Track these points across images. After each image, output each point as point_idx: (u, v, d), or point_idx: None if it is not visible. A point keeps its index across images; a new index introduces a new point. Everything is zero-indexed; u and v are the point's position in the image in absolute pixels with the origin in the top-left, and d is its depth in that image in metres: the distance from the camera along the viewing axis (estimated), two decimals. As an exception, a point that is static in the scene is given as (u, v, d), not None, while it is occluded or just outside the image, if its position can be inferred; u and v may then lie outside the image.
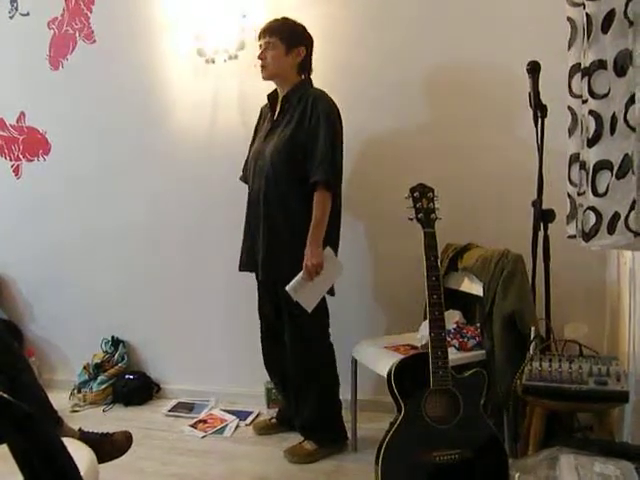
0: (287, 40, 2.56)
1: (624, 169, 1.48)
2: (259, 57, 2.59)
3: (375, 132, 2.95)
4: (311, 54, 2.65)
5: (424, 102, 2.88)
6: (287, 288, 2.47)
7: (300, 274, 2.46)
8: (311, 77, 2.66)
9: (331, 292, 2.63)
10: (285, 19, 2.60)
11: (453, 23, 2.78)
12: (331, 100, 2.56)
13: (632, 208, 1.47)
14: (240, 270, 2.73)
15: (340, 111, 2.57)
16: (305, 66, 2.63)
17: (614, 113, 1.50)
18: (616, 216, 1.52)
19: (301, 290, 2.47)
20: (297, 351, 2.62)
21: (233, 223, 2.84)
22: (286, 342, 2.64)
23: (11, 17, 3.53)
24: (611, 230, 1.54)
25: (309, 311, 2.50)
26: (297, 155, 2.50)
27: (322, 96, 2.55)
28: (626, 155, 1.48)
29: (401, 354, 2.37)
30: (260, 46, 2.59)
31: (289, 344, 2.63)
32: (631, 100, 1.46)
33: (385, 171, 2.94)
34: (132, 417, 3.20)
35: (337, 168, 2.51)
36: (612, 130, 1.51)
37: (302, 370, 2.64)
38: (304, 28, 2.62)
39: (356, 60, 2.94)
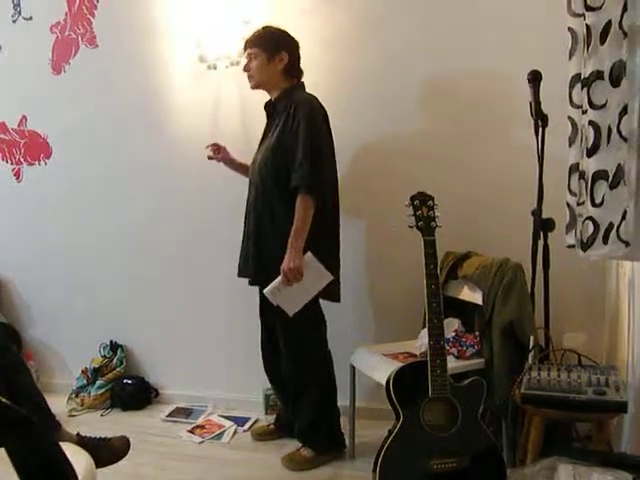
0: (267, 48, 2.57)
1: (617, 179, 1.49)
2: (244, 69, 2.64)
3: (375, 139, 2.96)
4: (297, 57, 2.64)
5: (425, 110, 2.88)
6: (265, 291, 2.47)
7: (279, 278, 2.45)
8: (302, 80, 2.66)
9: (336, 298, 2.62)
10: (265, 28, 2.62)
11: (454, 32, 2.78)
12: (316, 105, 2.53)
13: (623, 218, 1.48)
14: (238, 276, 2.74)
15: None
16: (292, 70, 2.62)
17: (609, 124, 1.51)
18: (610, 226, 1.52)
19: (280, 294, 2.46)
20: (293, 358, 2.62)
21: (233, 229, 2.84)
22: (282, 349, 2.64)
23: (14, 21, 3.54)
24: (605, 240, 1.55)
25: (290, 315, 2.48)
26: (281, 163, 2.50)
27: (305, 101, 2.53)
28: (619, 165, 1.49)
29: (400, 362, 2.37)
30: (245, 58, 2.63)
31: (285, 351, 2.63)
32: (624, 111, 1.46)
33: (386, 179, 2.94)
34: (130, 422, 3.19)
35: (318, 173, 2.45)
36: (608, 140, 1.52)
37: (299, 377, 2.64)
38: (285, 33, 2.62)
39: (356, 67, 2.95)
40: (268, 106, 2.69)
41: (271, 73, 2.59)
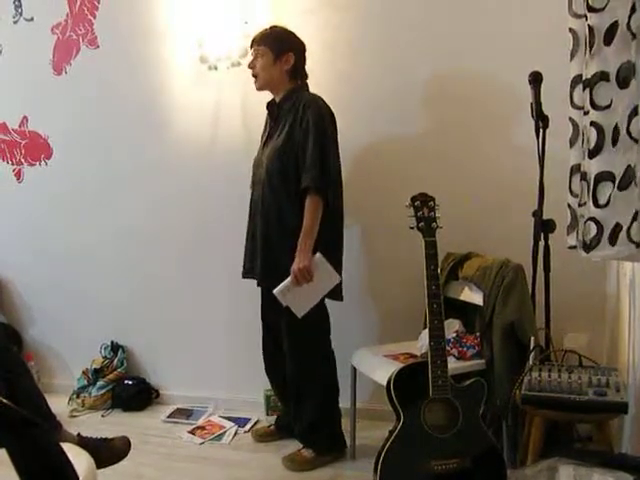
0: (274, 48, 2.57)
1: (627, 180, 1.49)
2: (249, 66, 2.64)
3: (376, 139, 2.96)
4: (303, 59, 2.65)
5: (426, 111, 2.88)
6: (275, 291, 2.47)
7: (288, 278, 2.45)
8: (306, 82, 2.66)
9: (338, 297, 2.62)
10: (273, 27, 2.63)
11: (455, 32, 2.78)
12: (323, 105, 2.54)
13: (634, 219, 1.48)
14: (243, 277, 2.74)
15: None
16: (297, 71, 2.63)
17: (616, 125, 1.50)
18: (617, 227, 1.52)
19: (290, 295, 2.46)
20: (297, 359, 2.62)
21: (234, 230, 2.85)
22: (286, 350, 2.64)
23: (15, 22, 3.54)
24: (613, 241, 1.54)
25: (299, 316, 2.49)
26: (290, 163, 2.50)
27: (313, 101, 2.53)
28: (628, 167, 1.48)
29: (400, 363, 2.37)
30: (252, 55, 2.64)
31: (288, 351, 2.63)
32: (634, 112, 1.46)
33: (387, 179, 2.94)
34: (131, 423, 3.19)
35: (328, 174, 2.47)
36: (614, 142, 1.51)
37: (302, 378, 2.64)
38: (292, 34, 2.63)
39: (357, 68, 2.95)
40: (271, 106, 2.69)
41: (276, 73, 2.59)
